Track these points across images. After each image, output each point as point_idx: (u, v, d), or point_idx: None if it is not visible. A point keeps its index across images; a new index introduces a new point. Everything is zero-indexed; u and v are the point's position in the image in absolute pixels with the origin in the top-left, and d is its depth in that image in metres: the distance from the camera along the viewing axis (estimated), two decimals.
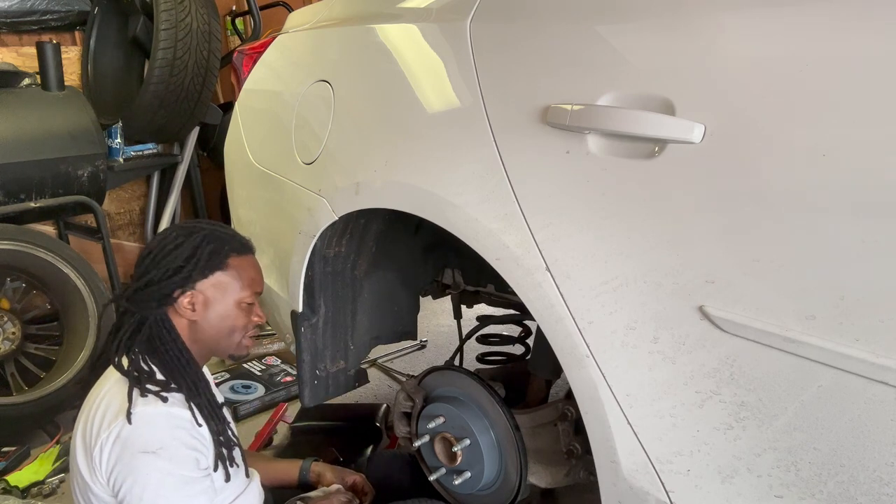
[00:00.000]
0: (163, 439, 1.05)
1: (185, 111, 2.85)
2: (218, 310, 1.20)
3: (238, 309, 1.22)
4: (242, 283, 1.22)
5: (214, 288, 1.19)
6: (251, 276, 1.24)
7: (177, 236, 1.20)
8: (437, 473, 1.39)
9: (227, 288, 1.20)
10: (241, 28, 3.56)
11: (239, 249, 1.23)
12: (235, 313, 1.21)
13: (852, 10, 0.67)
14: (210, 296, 1.19)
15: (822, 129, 0.68)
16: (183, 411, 1.10)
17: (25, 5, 2.87)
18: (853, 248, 0.66)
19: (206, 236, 1.20)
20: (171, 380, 1.13)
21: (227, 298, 1.20)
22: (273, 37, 1.80)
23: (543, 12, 0.98)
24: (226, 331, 1.22)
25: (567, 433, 1.23)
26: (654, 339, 0.83)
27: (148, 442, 1.03)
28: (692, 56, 0.79)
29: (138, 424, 1.04)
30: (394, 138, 1.20)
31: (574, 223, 0.89)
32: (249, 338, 1.27)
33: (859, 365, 0.66)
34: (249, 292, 1.22)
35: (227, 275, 1.20)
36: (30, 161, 2.37)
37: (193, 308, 1.18)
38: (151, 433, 1.04)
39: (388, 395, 2.52)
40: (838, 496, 0.70)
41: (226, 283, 1.20)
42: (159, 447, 1.04)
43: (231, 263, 1.21)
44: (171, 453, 1.04)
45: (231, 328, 1.22)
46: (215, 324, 1.20)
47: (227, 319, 1.21)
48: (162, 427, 1.06)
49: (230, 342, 1.24)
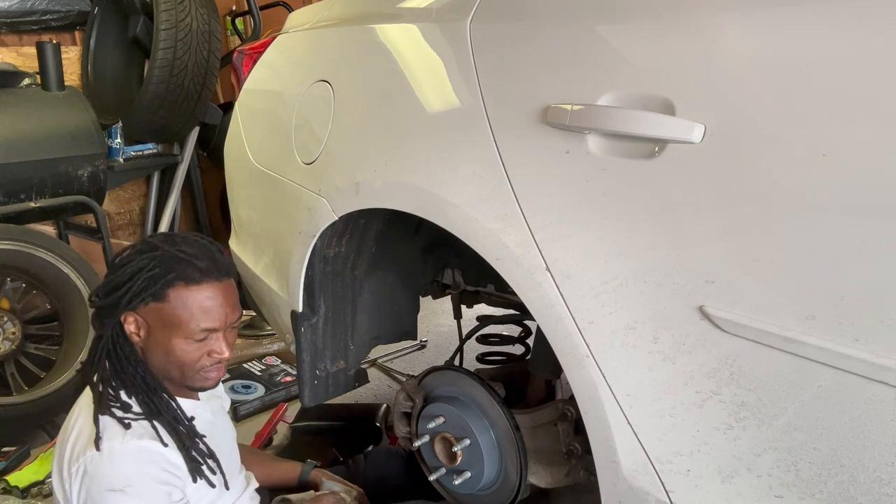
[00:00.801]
0: (129, 476, 1.01)
1: (185, 111, 2.85)
2: (159, 341, 1.10)
3: (184, 344, 1.09)
4: (186, 317, 1.08)
5: (154, 317, 1.09)
6: (201, 310, 1.09)
7: (134, 251, 1.12)
8: (437, 473, 1.39)
9: (167, 321, 1.08)
10: (241, 28, 3.56)
11: (191, 278, 1.08)
12: (181, 348, 1.09)
13: (852, 10, 0.67)
14: (151, 324, 1.09)
15: (821, 129, 0.68)
16: (152, 443, 1.06)
17: (25, 5, 2.87)
18: (853, 248, 0.66)
19: (155, 258, 1.08)
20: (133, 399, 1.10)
21: (167, 331, 1.09)
22: (273, 37, 1.80)
23: (543, 12, 0.98)
24: (173, 364, 1.11)
25: (567, 433, 1.23)
26: (654, 339, 0.83)
27: (114, 480, 1.00)
28: (692, 56, 0.79)
29: (105, 461, 1.01)
30: (394, 138, 1.20)
31: (574, 223, 0.89)
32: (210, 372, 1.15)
33: (859, 365, 0.66)
34: (196, 328, 1.09)
35: (167, 306, 1.08)
36: (30, 161, 2.37)
37: (138, 333, 1.11)
38: (117, 470, 1.01)
39: (388, 395, 2.52)
40: (838, 496, 0.70)
41: (166, 316, 1.08)
42: (126, 485, 1.00)
43: (173, 294, 1.07)
44: (139, 489, 1.01)
45: (178, 363, 1.11)
46: (160, 356, 1.11)
47: (171, 354, 1.10)
48: (128, 464, 1.02)
49: (182, 375, 1.13)
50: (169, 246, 1.11)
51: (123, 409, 1.07)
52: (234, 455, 1.31)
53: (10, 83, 2.50)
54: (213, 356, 1.13)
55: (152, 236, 1.17)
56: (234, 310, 1.14)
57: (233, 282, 1.16)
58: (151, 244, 1.12)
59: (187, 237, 1.16)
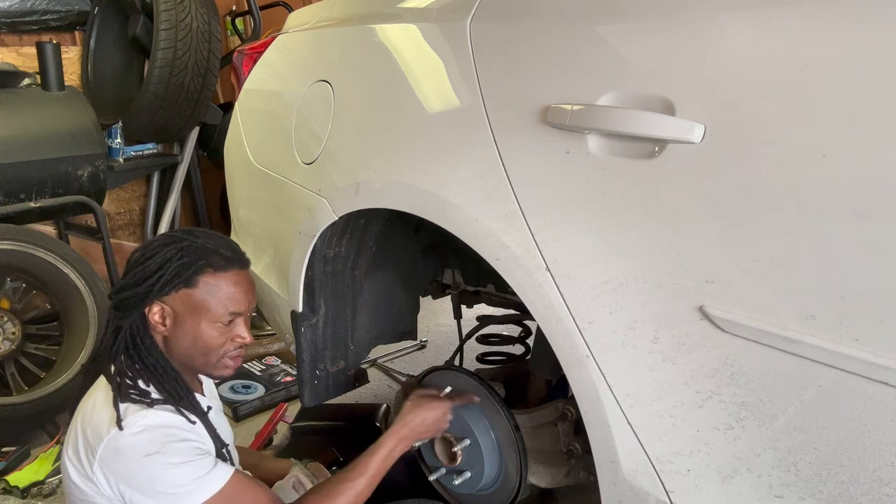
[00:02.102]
0: (159, 441, 1.05)
1: (185, 111, 2.85)
2: (188, 327, 1.14)
3: (211, 329, 1.14)
4: (215, 302, 1.14)
5: (183, 304, 1.13)
6: (228, 295, 1.15)
7: (158, 245, 1.15)
8: (437, 473, 1.39)
9: (196, 306, 1.13)
10: (241, 28, 3.56)
11: (218, 265, 1.14)
12: (209, 333, 1.14)
13: (852, 10, 0.67)
14: (179, 311, 1.13)
15: (821, 129, 0.68)
16: (172, 416, 1.10)
17: (25, 5, 2.87)
18: (853, 248, 0.66)
19: (182, 248, 1.13)
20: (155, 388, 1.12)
21: (196, 317, 1.13)
22: (273, 37, 1.80)
23: (543, 12, 0.98)
24: (199, 350, 1.16)
25: (567, 433, 1.23)
26: (654, 339, 0.83)
27: (148, 446, 1.04)
28: (692, 56, 0.79)
29: (133, 433, 1.04)
30: (394, 138, 1.20)
31: (574, 223, 0.89)
32: (231, 359, 1.20)
33: (859, 365, 0.66)
34: (224, 311, 1.14)
35: (198, 292, 1.13)
36: (30, 161, 2.37)
37: (164, 322, 1.14)
38: (147, 437, 1.05)
39: (388, 395, 2.52)
40: (838, 496, 0.70)
41: (196, 301, 1.13)
42: (160, 447, 1.04)
43: (203, 280, 1.13)
44: (173, 448, 1.05)
45: (205, 348, 1.16)
46: (186, 342, 1.15)
47: (198, 339, 1.15)
48: (156, 430, 1.06)
49: (206, 362, 1.18)
50: (193, 238, 1.16)
51: (143, 396, 1.10)
52: (235, 456, 1.31)
53: (10, 83, 2.50)
54: (236, 341, 1.18)
55: (173, 231, 1.22)
56: (254, 297, 1.23)
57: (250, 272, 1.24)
58: (175, 237, 1.17)
59: (206, 231, 1.22)
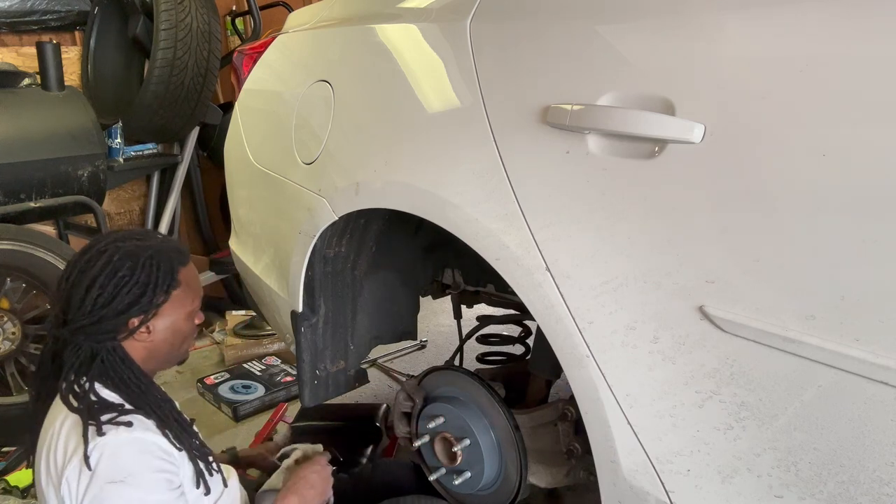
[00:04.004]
0: (128, 467, 1.01)
1: (185, 111, 2.84)
2: (172, 326, 1.17)
3: (188, 319, 1.20)
4: (192, 294, 1.19)
5: (172, 306, 1.16)
6: (197, 283, 1.22)
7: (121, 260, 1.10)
8: (437, 473, 1.39)
9: (182, 303, 1.17)
10: (241, 28, 3.56)
11: (183, 259, 1.19)
12: (187, 324, 1.20)
13: (852, 10, 0.67)
14: (167, 314, 1.15)
15: (821, 129, 0.68)
16: (148, 434, 1.06)
17: (25, 5, 2.87)
18: (853, 248, 0.66)
19: (153, 256, 1.13)
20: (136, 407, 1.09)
21: (179, 313, 1.18)
22: (273, 37, 1.80)
23: (543, 12, 0.98)
24: (178, 343, 1.20)
25: (567, 433, 1.23)
26: (654, 339, 0.83)
27: (114, 472, 1.00)
28: (692, 56, 0.79)
29: (103, 455, 1.01)
30: (394, 138, 1.20)
31: (574, 223, 0.89)
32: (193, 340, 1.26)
33: (859, 365, 0.66)
34: (198, 301, 1.21)
35: (181, 290, 1.16)
36: (30, 161, 2.37)
37: (149, 331, 1.14)
38: (116, 463, 1.01)
39: (388, 395, 2.52)
40: (838, 496, 0.70)
41: (181, 299, 1.17)
42: (126, 475, 1.01)
43: (181, 277, 1.17)
44: (139, 480, 1.01)
45: (182, 339, 1.21)
46: (170, 339, 1.18)
47: (178, 332, 1.19)
48: (127, 455, 1.02)
49: (180, 351, 1.23)
50: (142, 241, 1.16)
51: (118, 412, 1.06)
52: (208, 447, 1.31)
53: (10, 83, 2.50)
54: (197, 322, 1.24)
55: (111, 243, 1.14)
56: None
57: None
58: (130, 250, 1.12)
59: (140, 231, 1.21)
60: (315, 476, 1.32)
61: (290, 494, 1.27)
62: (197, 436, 1.17)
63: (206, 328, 3.32)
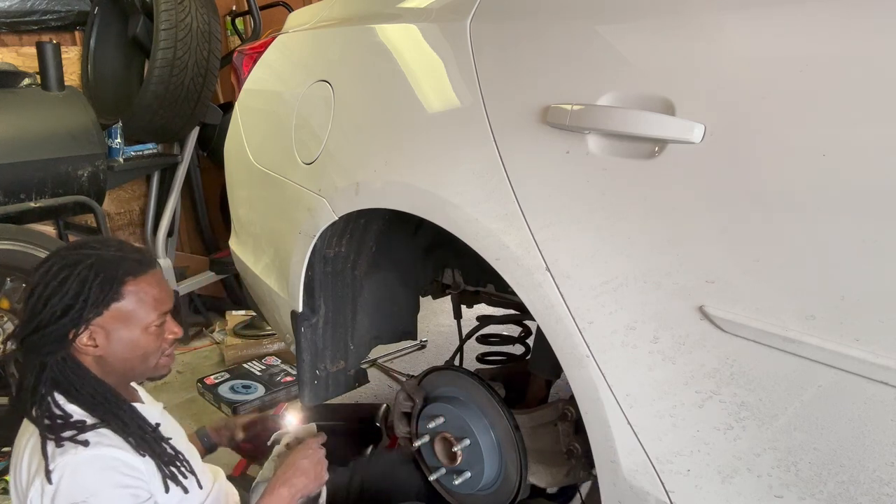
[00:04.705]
0: (90, 486, 0.99)
1: (185, 111, 2.84)
2: (124, 340, 1.10)
3: (147, 334, 1.12)
4: (145, 308, 1.11)
5: (115, 320, 1.09)
6: (154, 297, 1.12)
7: (60, 269, 1.07)
8: (437, 473, 1.39)
9: (128, 317, 1.10)
10: (241, 28, 3.56)
11: (134, 271, 1.11)
12: (145, 339, 1.12)
13: (852, 10, 0.67)
14: (111, 328, 1.09)
15: (821, 129, 0.68)
16: (109, 450, 1.03)
17: (25, 5, 2.87)
18: (853, 248, 0.66)
19: (93, 265, 1.07)
20: (97, 418, 1.06)
21: (131, 327, 1.10)
22: (273, 37, 1.80)
23: (543, 12, 0.98)
24: (138, 358, 1.13)
25: (567, 433, 1.23)
26: (654, 339, 0.83)
27: (76, 492, 0.98)
28: (692, 56, 0.79)
29: (64, 476, 0.98)
30: (394, 138, 1.20)
31: (574, 223, 0.89)
32: (168, 356, 1.19)
33: (859, 365, 0.66)
34: (155, 315, 1.12)
35: (126, 303, 1.09)
36: (30, 161, 2.37)
37: (95, 344, 1.08)
38: (77, 483, 0.98)
39: (388, 395, 2.52)
40: (838, 496, 0.70)
41: (126, 312, 1.09)
42: (89, 494, 0.98)
43: (128, 290, 1.09)
44: (102, 498, 0.99)
45: (143, 355, 1.13)
46: (124, 354, 1.11)
47: (136, 348, 1.12)
48: (88, 473, 1.00)
49: (146, 367, 1.16)
50: (95, 251, 1.10)
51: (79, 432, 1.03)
52: (193, 452, 1.27)
53: (10, 83, 2.50)
54: (169, 338, 1.17)
55: (66, 251, 1.13)
56: (171, 291, 1.20)
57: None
58: (77, 257, 1.09)
59: (98, 239, 1.16)
60: (306, 462, 1.25)
61: (280, 486, 1.20)
62: (165, 440, 1.14)
63: (206, 328, 3.32)
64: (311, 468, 1.25)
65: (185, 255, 3.44)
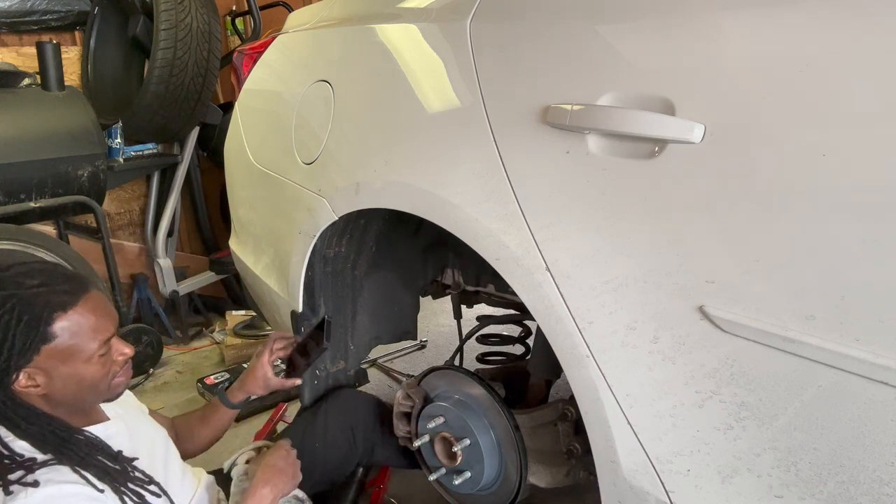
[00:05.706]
0: None
1: (185, 111, 2.84)
2: (65, 376, 1.03)
3: (90, 365, 1.05)
4: (83, 340, 1.03)
5: (51, 359, 1.01)
6: (90, 327, 1.04)
7: None
8: (437, 473, 1.39)
9: (65, 354, 1.02)
10: (241, 28, 3.56)
11: (63, 304, 1.02)
12: (90, 370, 1.05)
13: (852, 10, 0.67)
14: (49, 367, 1.02)
15: (821, 129, 0.68)
16: (62, 486, 0.97)
17: (25, 5, 2.87)
18: (853, 248, 0.66)
19: (14, 307, 0.99)
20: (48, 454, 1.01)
21: (71, 363, 1.03)
22: (273, 37, 1.80)
23: (543, 12, 0.98)
24: (87, 390, 1.07)
25: (567, 433, 1.23)
26: (654, 339, 0.83)
27: None
28: (692, 56, 0.79)
29: None
30: (394, 138, 1.20)
31: (574, 223, 0.89)
32: (121, 376, 1.12)
33: (859, 365, 0.66)
34: (96, 344, 1.05)
35: (60, 341, 1.01)
36: (30, 161, 2.37)
37: (36, 384, 1.02)
38: None
39: (388, 395, 2.52)
40: (838, 496, 0.70)
41: (62, 350, 1.02)
42: None
43: (58, 327, 1.01)
44: None
45: (91, 385, 1.07)
46: (70, 389, 1.05)
47: (82, 381, 1.05)
48: None
49: (96, 395, 1.10)
50: (14, 289, 1.01)
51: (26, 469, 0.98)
52: (172, 455, 1.25)
53: (10, 83, 2.50)
54: (119, 359, 1.11)
55: None
56: (113, 311, 1.12)
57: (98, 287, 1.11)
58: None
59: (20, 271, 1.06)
60: (282, 462, 1.28)
61: (262, 486, 1.21)
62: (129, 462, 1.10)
63: (207, 328, 3.32)
64: (287, 468, 1.29)
65: (185, 255, 3.44)
